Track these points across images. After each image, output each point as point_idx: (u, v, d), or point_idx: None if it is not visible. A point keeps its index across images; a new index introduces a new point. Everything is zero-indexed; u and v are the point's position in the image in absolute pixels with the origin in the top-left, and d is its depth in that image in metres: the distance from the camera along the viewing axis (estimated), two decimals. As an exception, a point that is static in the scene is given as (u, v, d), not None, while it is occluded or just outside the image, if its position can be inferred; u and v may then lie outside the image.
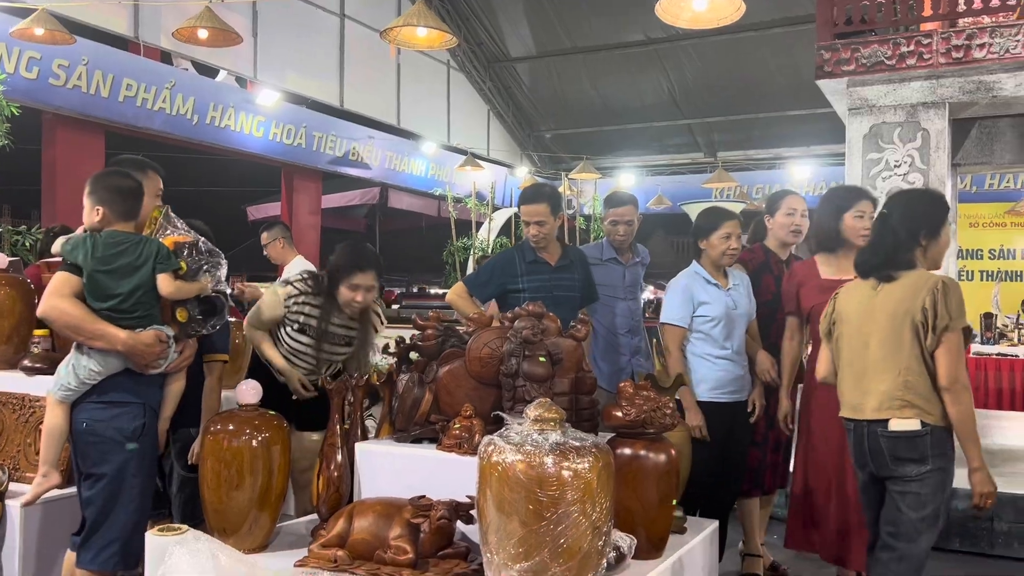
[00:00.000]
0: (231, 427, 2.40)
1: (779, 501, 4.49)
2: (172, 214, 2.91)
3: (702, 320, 3.65)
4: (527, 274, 3.73)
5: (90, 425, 2.60)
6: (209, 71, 9.55)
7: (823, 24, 5.37)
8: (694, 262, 3.76)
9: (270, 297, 3.42)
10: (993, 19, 5.02)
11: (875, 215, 3.42)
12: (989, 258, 11.96)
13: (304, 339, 3.38)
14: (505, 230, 11.71)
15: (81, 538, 2.61)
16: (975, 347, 9.31)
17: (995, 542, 4.51)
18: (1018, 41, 4.82)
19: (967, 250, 11.78)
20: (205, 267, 2.77)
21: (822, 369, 3.01)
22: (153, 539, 2.07)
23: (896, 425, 2.65)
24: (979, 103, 5.18)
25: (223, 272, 2.85)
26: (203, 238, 2.86)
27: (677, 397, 3.60)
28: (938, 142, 5.11)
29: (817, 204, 3.72)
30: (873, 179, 5.13)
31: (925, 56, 5.03)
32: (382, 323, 3.64)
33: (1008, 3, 4.97)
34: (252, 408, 2.46)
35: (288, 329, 3.39)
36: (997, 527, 4.51)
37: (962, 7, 5.08)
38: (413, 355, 2.64)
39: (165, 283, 2.65)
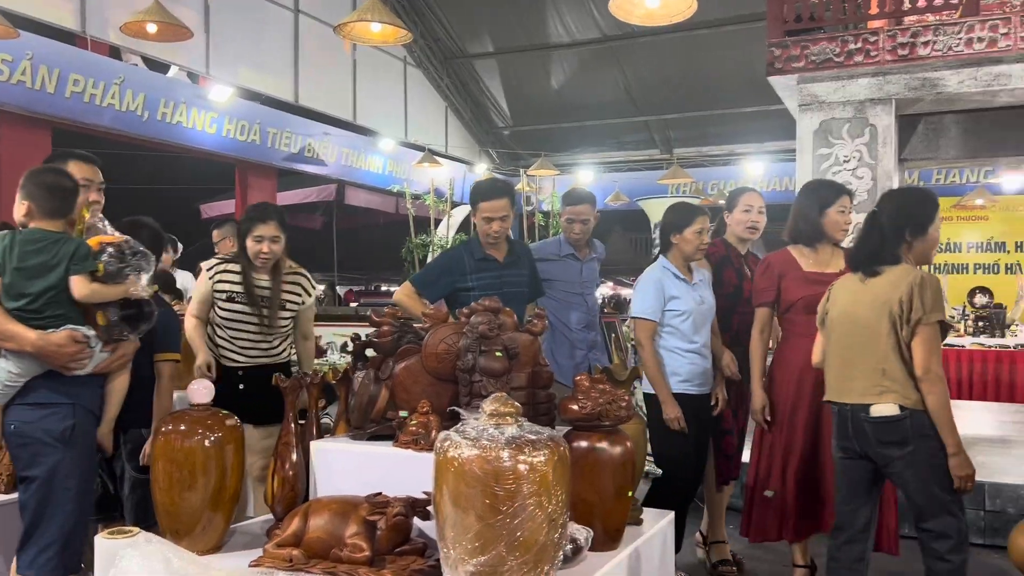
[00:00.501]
0: (183, 427, 2.36)
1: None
2: (100, 214, 2.83)
3: (673, 314, 3.66)
4: (476, 272, 3.71)
5: (19, 427, 2.55)
6: (160, 66, 9.37)
7: (774, 22, 5.47)
8: (662, 257, 3.77)
9: (198, 283, 3.56)
10: (937, 17, 5.15)
11: (853, 210, 3.65)
12: (936, 251, 12.23)
13: (235, 307, 3.50)
14: (464, 227, 11.69)
15: (19, 542, 2.56)
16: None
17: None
18: (960, 39, 4.95)
19: (915, 244, 12.02)
20: (128, 270, 2.65)
21: (817, 356, 3.18)
22: (103, 542, 2.03)
23: (877, 411, 2.83)
24: (924, 99, 5.32)
25: (147, 276, 2.73)
26: (131, 239, 2.75)
27: (652, 391, 3.65)
28: (885, 137, 5.24)
29: (796, 198, 3.77)
30: (823, 174, 5.23)
31: (872, 53, 5.14)
32: (313, 287, 3.77)
33: (951, 2, 5.10)
34: (204, 408, 2.42)
35: (220, 304, 3.50)
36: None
37: (907, 6, 5.21)
38: (369, 352, 2.62)
39: (78, 285, 2.57)
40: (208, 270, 3.53)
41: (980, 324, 9.16)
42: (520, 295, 3.77)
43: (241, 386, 3.48)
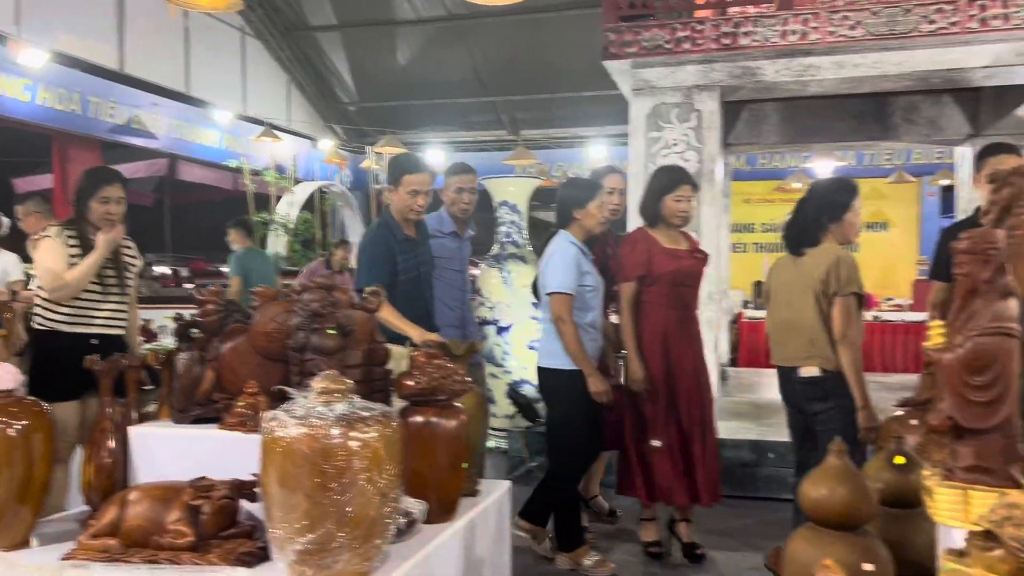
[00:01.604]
0: (-18, 417, 2.17)
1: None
2: None
3: (585, 289, 3.63)
4: (401, 253, 3.62)
5: None
6: (-39, 26, 8.48)
7: (609, 7, 5.65)
8: (565, 232, 3.70)
9: (50, 246, 3.36)
10: (756, 10, 5.49)
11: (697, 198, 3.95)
12: (761, 231, 13.18)
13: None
14: (308, 205, 11.37)
15: None
16: (749, 312, 10.22)
17: (759, 486, 4.99)
18: (776, 31, 5.31)
19: (741, 224, 12.86)
20: None
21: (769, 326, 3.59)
22: None
23: (803, 372, 3.28)
24: (745, 87, 5.66)
25: None
26: None
27: (576, 367, 3.58)
28: (710, 123, 5.54)
29: (648, 180, 3.93)
30: (654, 156, 5.47)
31: (698, 42, 5.42)
32: (139, 253, 3.75)
33: (769, -4, 5.45)
34: (7, 395, 2.24)
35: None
36: (760, 472, 5.00)
37: (730, -3, 5.52)
38: (195, 332, 2.51)
39: None
40: (56, 236, 3.38)
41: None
42: (429, 274, 3.78)
43: (98, 355, 3.28)
